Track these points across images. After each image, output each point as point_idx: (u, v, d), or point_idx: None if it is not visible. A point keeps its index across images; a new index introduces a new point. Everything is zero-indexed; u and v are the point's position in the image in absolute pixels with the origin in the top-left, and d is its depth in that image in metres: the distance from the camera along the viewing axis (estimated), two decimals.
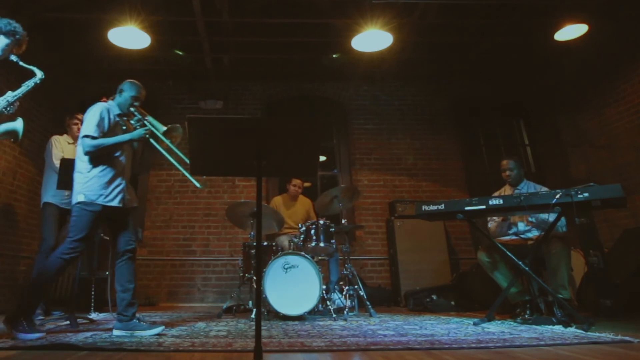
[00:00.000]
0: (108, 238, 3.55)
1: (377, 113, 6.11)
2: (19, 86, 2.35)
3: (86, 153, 2.47)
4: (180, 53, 5.21)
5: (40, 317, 3.25)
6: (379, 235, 5.52)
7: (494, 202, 2.93)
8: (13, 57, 2.34)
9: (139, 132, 2.57)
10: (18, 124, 2.25)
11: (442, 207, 3.06)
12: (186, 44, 5.16)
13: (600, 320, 2.89)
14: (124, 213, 2.60)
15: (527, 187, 3.52)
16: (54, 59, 5.12)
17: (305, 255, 3.41)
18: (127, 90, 2.65)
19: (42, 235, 3.61)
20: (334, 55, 5.33)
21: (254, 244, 3.69)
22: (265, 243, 3.88)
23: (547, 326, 2.67)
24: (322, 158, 6.39)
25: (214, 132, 1.67)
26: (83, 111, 4.11)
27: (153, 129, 2.58)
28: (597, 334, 2.24)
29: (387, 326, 2.81)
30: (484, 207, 2.95)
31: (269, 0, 4.49)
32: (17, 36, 2.31)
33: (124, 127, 2.68)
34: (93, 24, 4.53)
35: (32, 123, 4.68)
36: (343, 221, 4.18)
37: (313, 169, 1.77)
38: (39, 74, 2.39)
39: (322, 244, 3.55)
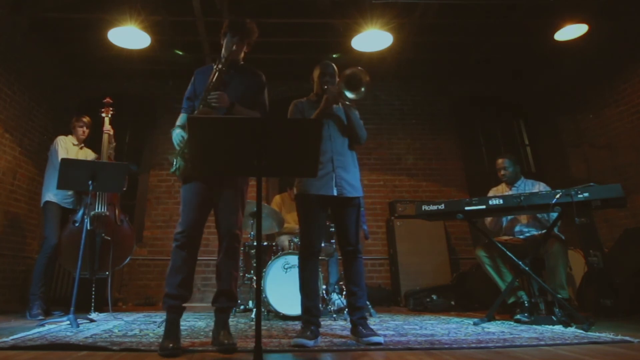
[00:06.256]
0: (109, 238, 3.54)
1: (377, 113, 6.11)
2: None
3: None
4: (180, 53, 5.21)
5: (41, 317, 3.25)
6: (379, 235, 5.52)
7: (494, 202, 2.93)
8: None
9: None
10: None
11: (442, 207, 3.06)
12: (186, 44, 5.15)
13: (600, 320, 2.89)
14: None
15: (525, 184, 3.51)
16: (54, 59, 5.12)
17: None
18: None
19: (43, 234, 3.60)
20: (334, 55, 5.32)
21: (254, 244, 3.69)
22: (265, 243, 3.88)
23: (547, 326, 2.67)
24: None
25: (214, 132, 1.67)
26: (83, 111, 4.14)
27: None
28: (597, 334, 2.24)
29: (387, 326, 2.81)
30: (484, 207, 2.95)
31: (269, 0, 4.49)
32: (233, 32, 2.33)
33: None
34: (93, 24, 4.52)
35: (32, 123, 4.68)
36: None
37: (313, 169, 1.77)
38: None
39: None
